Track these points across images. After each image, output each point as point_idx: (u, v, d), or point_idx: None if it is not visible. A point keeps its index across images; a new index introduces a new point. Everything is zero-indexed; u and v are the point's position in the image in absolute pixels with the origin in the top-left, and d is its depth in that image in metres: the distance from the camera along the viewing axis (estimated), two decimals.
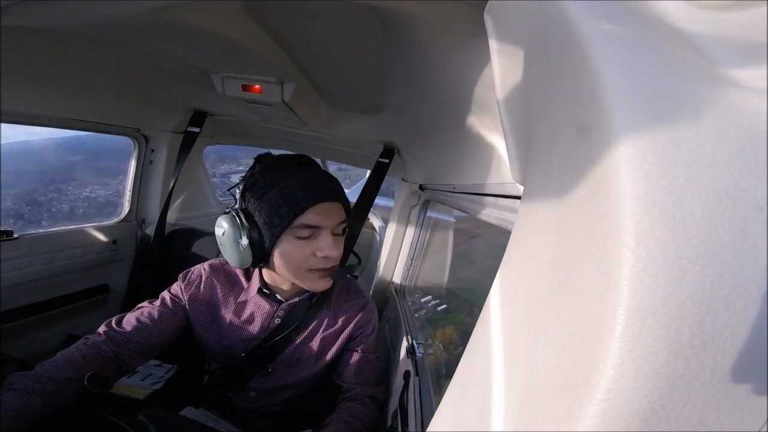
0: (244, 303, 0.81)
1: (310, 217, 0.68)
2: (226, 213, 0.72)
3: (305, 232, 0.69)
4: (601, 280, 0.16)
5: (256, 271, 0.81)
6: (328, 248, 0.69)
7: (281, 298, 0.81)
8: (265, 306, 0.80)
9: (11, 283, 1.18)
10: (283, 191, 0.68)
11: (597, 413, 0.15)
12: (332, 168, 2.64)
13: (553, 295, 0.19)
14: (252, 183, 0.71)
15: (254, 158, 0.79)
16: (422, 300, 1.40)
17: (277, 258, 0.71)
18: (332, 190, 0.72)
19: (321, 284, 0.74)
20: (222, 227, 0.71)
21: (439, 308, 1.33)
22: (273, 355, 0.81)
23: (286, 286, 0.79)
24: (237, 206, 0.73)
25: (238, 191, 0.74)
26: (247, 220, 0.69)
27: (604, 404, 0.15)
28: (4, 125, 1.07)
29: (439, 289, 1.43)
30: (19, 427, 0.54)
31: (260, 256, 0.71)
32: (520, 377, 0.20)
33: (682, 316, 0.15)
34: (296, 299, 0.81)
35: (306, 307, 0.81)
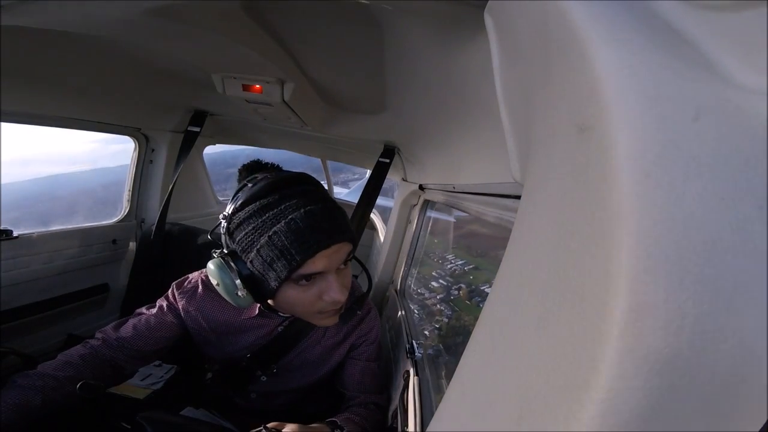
0: (246, 320, 0.79)
1: (309, 266, 0.60)
2: (214, 258, 0.64)
3: (307, 279, 0.63)
4: (601, 280, 0.16)
5: None
6: (335, 293, 0.63)
7: (284, 315, 0.79)
8: (268, 323, 0.79)
9: (11, 283, 1.18)
10: (274, 240, 0.59)
11: (597, 413, 0.15)
12: None
13: (553, 295, 0.19)
14: (239, 223, 0.62)
15: (239, 176, 0.71)
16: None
17: (280, 301, 0.67)
18: (335, 232, 0.61)
19: (329, 322, 0.71)
20: (215, 277, 0.63)
21: None
22: (276, 358, 0.81)
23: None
24: (225, 248, 0.66)
25: (223, 227, 0.65)
26: (239, 266, 0.62)
27: (604, 404, 0.15)
28: None
29: None
30: (21, 421, 0.56)
31: (261, 299, 0.66)
32: (520, 377, 0.20)
33: (682, 316, 0.15)
34: None
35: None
